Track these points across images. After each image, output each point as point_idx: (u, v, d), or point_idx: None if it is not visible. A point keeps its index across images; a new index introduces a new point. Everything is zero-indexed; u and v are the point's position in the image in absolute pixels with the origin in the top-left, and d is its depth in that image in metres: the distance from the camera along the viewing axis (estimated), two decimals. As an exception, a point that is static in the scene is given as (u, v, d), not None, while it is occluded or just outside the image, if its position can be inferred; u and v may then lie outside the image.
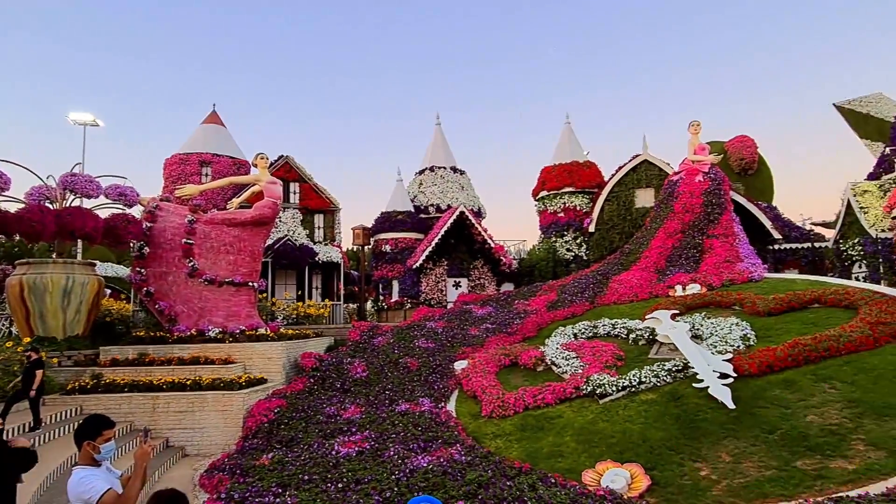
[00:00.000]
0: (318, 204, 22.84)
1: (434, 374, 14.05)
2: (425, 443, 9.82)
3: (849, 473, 7.12)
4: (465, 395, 12.63)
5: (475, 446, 9.83)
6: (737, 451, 8.10)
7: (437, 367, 14.36)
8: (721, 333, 11.72)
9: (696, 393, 9.63)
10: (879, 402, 8.43)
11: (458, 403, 12.40)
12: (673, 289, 16.40)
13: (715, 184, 19.15)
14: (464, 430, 10.84)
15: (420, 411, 11.53)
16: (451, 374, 13.86)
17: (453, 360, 14.80)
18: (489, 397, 11.46)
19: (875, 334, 10.11)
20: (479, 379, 12.53)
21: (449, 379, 13.63)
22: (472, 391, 12.31)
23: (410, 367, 14.43)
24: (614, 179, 23.21)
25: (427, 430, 10.49)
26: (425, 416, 11.20)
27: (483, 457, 9.14)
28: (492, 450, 9.78)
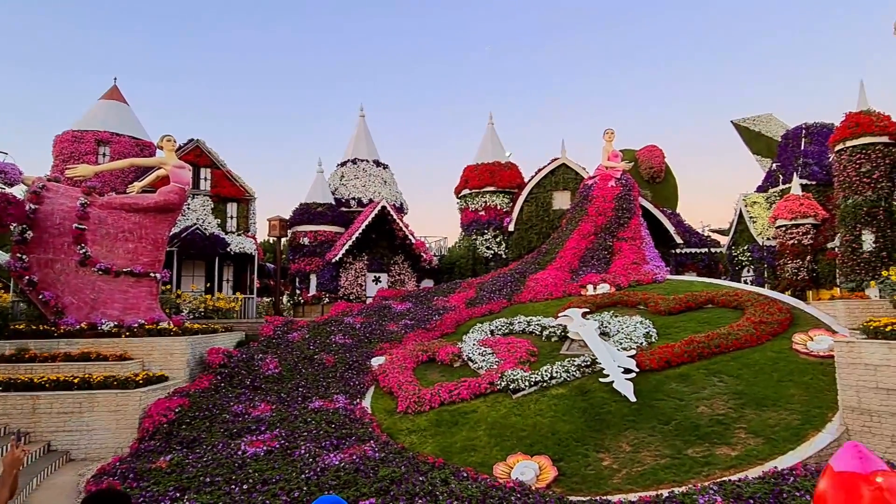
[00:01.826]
0: (232, 192, 21.69)
1: (350, 370, 13.79)
2: (338, 440, 9.60)
3: (732, 459, 7.77)
4: (381, 392, 12.50)
5: (389, 442, 9.75)
6: (636, 441, 8.59)
7: (353, 364, 14.11)
8: (626, 331, 12.40)
9: (602, 387, 10.12)
10: (759, 394, 9.28)
11: (374, 400, 12.25)
12: (585, 288, 17.17)
13: (626, 189, 20.26)
14: (379, 426, 10.72)
15: (334, 408, 11.27)
16: (367, 371, 13.67)
17: (371, 356, 14.61)
18: (405, 393, 11.41)
19: (758, 332, 11.11)
20: (396, 375, 12.45)
21: (365, 375, 13.43)
22: (389, 387, 12.20)
23: (326, 364, 14.08)
24: (534, 181, 23.96)
25: (341, 427, 10.26)
26: (339, 413, 10.96)
27: (397, 453, 9.08)
28: (406, 445, 9.75)
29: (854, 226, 15.76)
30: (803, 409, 8.78)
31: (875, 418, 7.97)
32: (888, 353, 7.92)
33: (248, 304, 21.14)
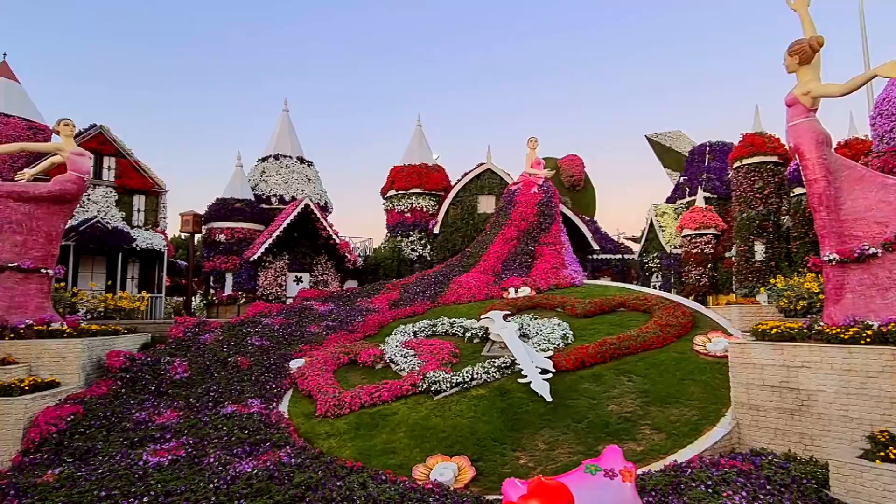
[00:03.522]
0: (139, 183, 20.19)
1: (267, 373, 13.25)
2: (252, 446, 9.18)
3: (637, 454, 8.21)
4: (300, 395, 12.12)
5: (307, 447, 9.47)
6: (551, 440, 8.88)
7: (271, 366, 13.56)
8: (545, 333, 12.80)
9: (520, 388, 10.38)
10: (664, 392, 9.89)
11: (292, 403, 11.85)
12: (507, 291, 17.58)
13: (547, 196, 20.97)
14: (296, 431, 10.38)
15: (248, 413, 10.77)
16: (286, 374, 13.19)
17: (290, 358, 14.13)
18: (325, 396, 11.12)
19: (664, 334, 11.84)
20: (315, 377, 12.11)
21: (283, 378, 12.96)
22: (308, 390, 11.85)
23: (241, 366, 13.44)
24: (460, 185, 24.24)
25: (255, 432, 9.82)
26: (254, 418, 10.49)
27: (314, 458, 8.83)
28: (324, 450, 9.51)
29: (748, 237, 17.23)
30: (701, 405, 9.45)
31: (761, 412, 8.72)
32: (773, 353, 8.70)
33: (156, 303, 19.77)
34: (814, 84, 9.13)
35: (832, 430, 7.87)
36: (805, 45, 9.16)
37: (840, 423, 7.80)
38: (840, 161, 9.36)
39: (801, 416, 8.25)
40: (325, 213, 24.50)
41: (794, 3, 9.63)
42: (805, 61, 9.19)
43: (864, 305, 8.63)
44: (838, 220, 9.03)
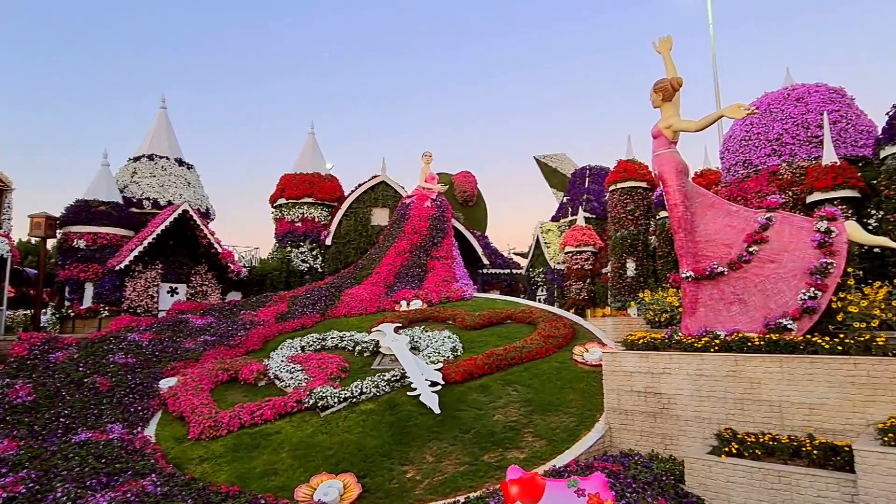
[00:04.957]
0: (-20, 179, 17.53)
1: (132, 394, 11.99)
2: (109, 477, 8.23)
3: (520, 462, 8.51)
4: (170, 417, 11.11)
5: (176, 474, 8.68)
6: (439, 452, 8.93)
7: (136, 387, 12.30)
8: (435, 345, 12.92)
9: (410, 401, 10.35)
10: (546, 401, 10.37)
11: (161, 427, 10.83)
12: (399, 304, 17.55)
13: (440, 210, 21.35)
14: (164, 456, 9.49)
15: (107, 440, 9.66)
16: (154, 394, 12.03)
17: (160, 377, 12.92)
18: (199, 417, 10.30)
19: (546, 345, 12.46)
20: (189, 397, 11.18)
21: (151, 399, 11.81)
22: (180, 411, 10.91)
23: (100, 388, 12.03)
24: (354, 196, 23.90)
25: (114, 461, 8.82)
26: (113, 445, 9.41)
27: (184, 485, 8.11)
28: (197, 475, 8.79)
29: (621, 255, 18.79)
30: (579, 412, 10.04)
31: (630, 416, 9.46)
32: (640, 361, 9.50)
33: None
34: (674, 119, 10.23)
35: (688, 430, 8.73)
36: (667, 84, 10.26)
37: (694, 423, 8.68)
38: (695, 189, 10.55)
39: (662, 418, 9.07)
40: (206, 219, 22.90)
41: (658, 47, 10.77)
42: (667, 98, 10.28)
43: (713, 317, 9.73)
44: (693, 241, 10.14)
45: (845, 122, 14.49)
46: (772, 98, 15.80)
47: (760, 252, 9.38)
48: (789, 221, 9.47)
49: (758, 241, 9.41)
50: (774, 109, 15.38)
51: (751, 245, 9.44)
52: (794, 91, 15.52)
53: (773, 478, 6.79)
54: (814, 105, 14.84)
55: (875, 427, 6.71)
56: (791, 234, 9.25)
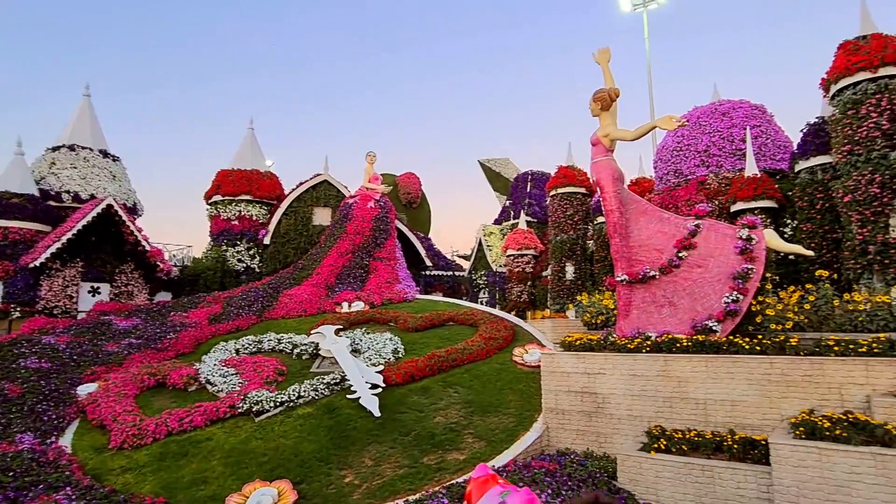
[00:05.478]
0: None
1: (46, 401, 11.11)
2: (17, 492, 7.57)
3: (460, 463, 8.54)
4: (89, 426, 10.40)
5: (95, 486, 8.11)
6: (378, 455, 8.81)
7: (51, 394, 11.41)
8: (377, 347, 12.77)
9: (349, 404, 10.17)
10: (486, 402, 10.47)
11: (79, 436, 10.12)
12: (340, 305, 17.24)
13: (384, 211, 21.18)
14: (81, 467, 8.86)
15: (16, 451, 8.88)
16: (71, 401, 11.21)
17: (78, 382, 12.07)
18: (122, 425, 9.69)
19: (487, 347, 12.59)
20: (111, 404, 10.50)
21: (68, 407, 11.00)
22: (101, 419, 10.23)
23: (8, 395, 11.07)
24: (294, 194, 23.29)
25: (24, 474, 8.12)
26: (23, 457, 8.67)
27: (103, 497, 7.61)
28: (118, 487, 8.26)
29: (560, 258, 19.28)
30: (518, 412, 10.19)
31: (567, 416, 9.70)
32: (577, 362, 9.77)
33: None
34: (612, 128, 10.61)
35: (621, 428, 9.05)
36: (605, 94, 10.63)
37: (627, 422, 9.01)
38: (630, 196, 10.98)
39: (597, 417, 9.36)
40: (133, 215, 21.61)
41: (597, 58, 11.15)
42: (606, 108, 10.66)
43: (646, 319, 10.15)
44: (628, 246, 10.54)
45: (765, 136, 15.54)
46: (701, 112, 16.71)
47: (689, 257, 9.87)
48: (715, 229, 10.03)
49: (687, 247, 9.91)
50: (703, 123, 16.28)
51: (680, 251, 9.92)
52: (720, 106, 16.48)
53: (698, 472, 7.15)
54: (738, 120, 15.82)
55: (788, 422, 7.19)
56: (717, 240, 9.79)
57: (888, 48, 10.44)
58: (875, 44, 10.58)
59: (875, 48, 10.51)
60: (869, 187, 10.20)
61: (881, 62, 10.38)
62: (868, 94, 10.48)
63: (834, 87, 11.14)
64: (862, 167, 10.38)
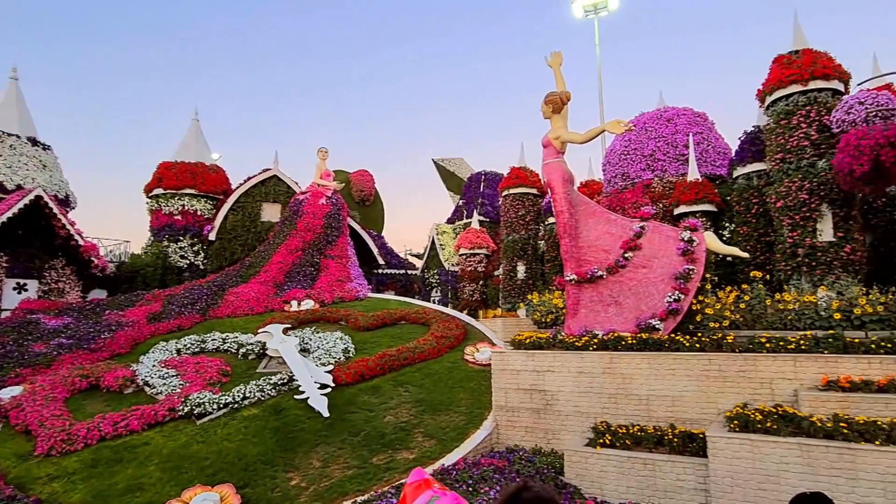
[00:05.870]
0: None
1: (-37, 406, 10.31)
2: (-73, 506, 6.98)
3: (410, 462, 8.48)
4: (12, 431, 9.72)
5: (17, 496, 7.62)
6: (326, 456, 8.64)
7: (-31, 398, 10.59)
8: (326, 347, 12.53)
9: (297, 404, 9.93)
10: (436, 401, 10.46)
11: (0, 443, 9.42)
12: (289, 304, 16.83)
13: (336, 208, 20.81)
14: (3, 476, 8.29)
15: (-74, 461, 8.20)
16: (-8, 406, 10.45)
17: (1, 385, 11.26)
18: (49, 430, 9.10)
19: (439, 345, 12.58)
20: (37, 408, 9.84)
21: (-12, 412, 10.24)
22: (25, 424, 9.58)
23: (-80, 400, 10.22)
24: (242, 189, 22.51)
25: (-66, 486, 7.51)
26: (-65, 468, 8.02)
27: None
28: (44, 497, 7.80)
29: (512, 258, 19.52)
30: (468, 410, 10.23)
31: (516, 413, 9.82)
32: (526, 360, 9.90)
33: None
34: (562, 131, 10.82)
35: (568, 425, 9.24)
36: (557, 97, 10.83)
37: (574, 418, 9.20)
38: (580, 197, 11.23)
39: (546, 414, 9.52)
40: (65, 207, 20.35)
41: (550, 61, 11.34)
42: (557, 110, 10.85)
43: (593, 318, 10.40)
44: (577, 246, 10.78)
45: (706, 143, 16.25)
46: (647, 118, 17.30)
47: (634, 258, 10.19)
48: (659, 231, 10.40)
49: (632, 248, 10.22)
50: (649, 128, 16.86)
51: (626, 251, 10.22)
52: (665, 112, 17.12)
53: (640, 465, 7.38)
54: (681, 126, 16.47)
55: (724, 415, 7.53)
56: (660, 242, 10.15)
57: (817, 63, 11.11)
58: (806, 59, 11.24)
59: (806, 63, 11.16)
60: (798, 194, 10.82)
61: (811, 76, 11.03)
62: (799, 106, 11.12)
63: (769, 98, 11.75)
64: (793, 174, 11.00)
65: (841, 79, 11.20)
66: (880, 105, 9.33)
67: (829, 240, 10.54)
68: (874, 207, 12.06)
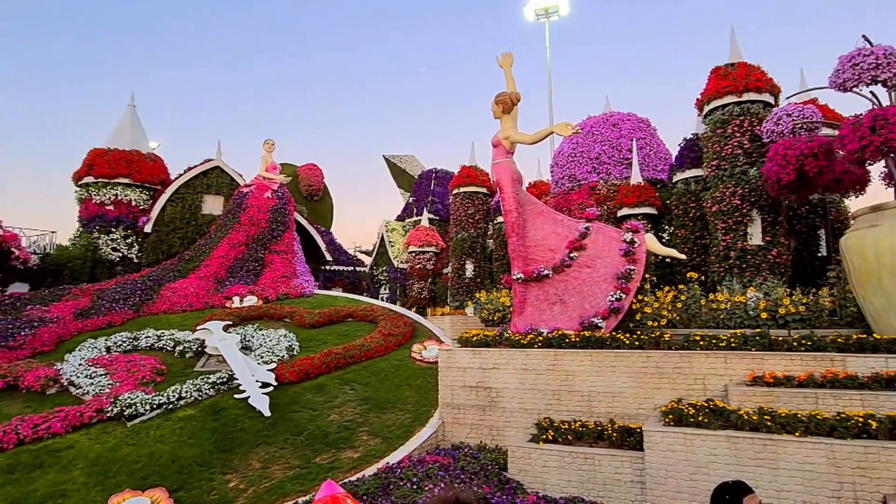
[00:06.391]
0: None
1: None
2: None
3: (354, 461, 8.38)
4: (-85, 437, 8.87)
5: (-81, 508, 6.95)
6: (267, 457, 8.40)
7: None
8: (269, 344, 12.19)
9: (237, 404, 9.59)
10: (382, 398, 10.36)
11: None
12: (231, 300, 16.26)
13: (282, 202, 20.26)
14: None
15: None
16: None
17: None
18: (-41, 435, 8.38)
19: (386, 343, 12.47)
20: (-55, 411, 9.05)
21: None
22: (-69, 429, 8.77)
23: None
24: (182, 180, 21.48)
25: None
26: None
27: (-70, 521, 6.52)
28: (-50, 508, 7.14)
29: (461, 256, 19.61)
30: (414, 408, 10.20)
31: (462, 410, 9.87)
32: (473, 357, 9.97)
33: None
34: (512, 131, 10.95)
35: (513, 421, 9.37)
36: (507, 97, 10.95)
37: (518, 415, 9.34)
38: (528, 197, 11.40)
39: (491, 410, 9.61)
40: (-15, 194, 18.83)
41: (501, 62, 11.44)
42: (507, 111, 10.97)
43: (539, 316, 10.59)
44: (524, 245, 10.94)
45: (649, 148, 16.88)
46: (594, 122, 17.78)
47: (579, 258, 10.45)
48: (603, 231, 10.70)
49: (577, 248, 10.47)
50: (595, 132, 17.33)
51: (572, 251, 10.46)
52: (611, 117, 17.65)
53: (581, 459, 7.58)
54: (626, 131, 17.03)
55: (660, 410, 7.84)
56: (604, 242, 10.45)
57: (751, 76, 11.73)
58: (741, 71, 11.85)
59: (740, 75, 11.77)
60: (732, 199, 11.40)
61: (745, 88, 11.64)
62: (734, 116, 11.71)
63: (706, 108, 12.32)
64: (727, 181, 11.58)
65: (772, 92, 11.87)
66: (805, 118, 9.95)
67: (759, 243, 11.16)
68: (798, 214, 12.87)
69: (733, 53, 12.40)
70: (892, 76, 8.18)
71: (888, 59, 8.15)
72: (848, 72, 8.45)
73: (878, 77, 8.23)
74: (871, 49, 8.34)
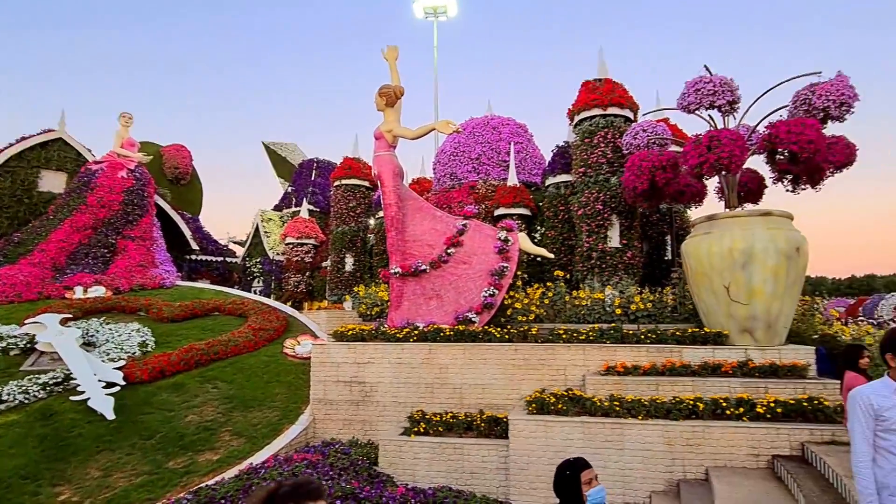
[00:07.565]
0: None
1: None
2: None
3: (213, 464, 7.80)
4: None
5: None
6: (109, 464, 7.52)
7: None
8: (118, 340, 10.97)
9: (74, 407, 8.50)
10: (249, 396, 9.78)
11: None
12: (72, 290, 14.37)
13: (140, 184, 18.31)
14: None
15: None
16: None
17: None
18: None
19: (256, 338, 11.81)
20: None
21: None
22: None
23: None
24: (13, 150, 18.49)
25: None
26: None
27: None
28: None
29: (341, 250, 19.16)
30: (284, 406, 9.76)
31: (335, 406, 9.63)
32: (348, 352, 9.77)
33: None
34: (395, 125, 10.89)
35: (386, 415, 9.33)
36: (391, 90, 10.87)
37: (392, 408, 9.32)
38: (408, 192, 11.42)
39: (364, 405, 9.49)
40: None
41: (386, 55, 11.33)
42: (391, 104, 10.89)
43: (415, 311, 10.66)
44: (403, 240, 10.94)
45: (525, 152, 17.77)
46: (475, 123, 18.32)
47: (456, 254, 10.68)
48: (480, 229, 11.04)
49: (455, 244, 10.70)
50: (477, 133, 17.87)
51: (449, 247, 10.67)
52: (492, 120, 18.31)
53: (450, 450, 7.75)
54: (505, 135, 17.77)
55: (524, 400, 8.27)
56: (480, 240, 10.79)
57: (615, 92, 12.82)
58: (606, 87, 12.89)
59: (606, 91, 12.81)
60: (595, 204, 12.37)
61: (609, 103, 12.68)
62: (599, 127, 12.70)
63: (576, 118, 13.23)
64: (592, 187, 12.54)
65: (632, 108, 13.06)
66: (658, 134, 11.08)
67: (616, 246, 12.23)
68: (650, 221, 14.32)
69: (601, 69, 13.44)
70: (725, 102, 9.38)
71: (723, 87, 9.33)
72: (691, 96, 9.54)
73: (714, 102, 9.40)
74: (710, 77, 9.50)
